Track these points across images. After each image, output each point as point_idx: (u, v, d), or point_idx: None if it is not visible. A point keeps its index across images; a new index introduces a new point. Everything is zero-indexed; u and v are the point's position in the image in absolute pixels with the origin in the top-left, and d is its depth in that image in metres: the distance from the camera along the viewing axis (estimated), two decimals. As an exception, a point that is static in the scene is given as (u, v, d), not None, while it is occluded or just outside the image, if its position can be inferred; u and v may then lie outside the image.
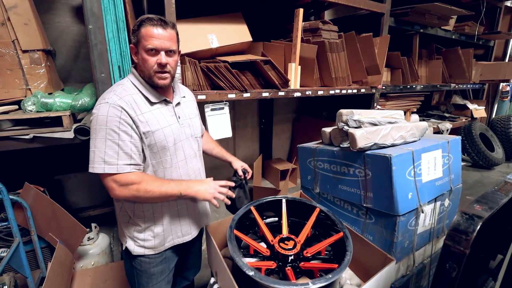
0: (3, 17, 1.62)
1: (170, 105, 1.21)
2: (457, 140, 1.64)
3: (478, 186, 3.88)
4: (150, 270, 1.27)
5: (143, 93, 1.13)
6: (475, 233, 0.77)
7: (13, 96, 1.73)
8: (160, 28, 1.06)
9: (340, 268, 1.07)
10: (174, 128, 1.19)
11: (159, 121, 1.14)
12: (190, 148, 1.28)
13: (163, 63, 1.09)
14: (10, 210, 1.62)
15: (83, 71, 2.54)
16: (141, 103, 1.11)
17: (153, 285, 1.29)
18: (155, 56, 1.08)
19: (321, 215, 1.42)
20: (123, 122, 1.04)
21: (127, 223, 1.23)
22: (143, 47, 1.07)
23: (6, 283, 1.33)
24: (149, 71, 1.10)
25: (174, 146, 1.19)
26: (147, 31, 1.05)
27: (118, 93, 1.08)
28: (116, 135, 1.04)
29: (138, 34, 1.08)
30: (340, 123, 1.52)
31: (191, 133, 1.28)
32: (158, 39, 1.06)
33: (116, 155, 1.04)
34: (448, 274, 0.81)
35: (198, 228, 1.39)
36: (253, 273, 1.01)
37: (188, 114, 1.29)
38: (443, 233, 1.69)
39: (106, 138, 1.03)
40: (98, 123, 1.03)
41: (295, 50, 2.40)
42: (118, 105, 1.04)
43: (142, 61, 1.10)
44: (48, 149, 1.85)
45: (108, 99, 1.05)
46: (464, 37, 4.14)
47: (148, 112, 1.12)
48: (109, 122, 1.03)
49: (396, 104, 3.71)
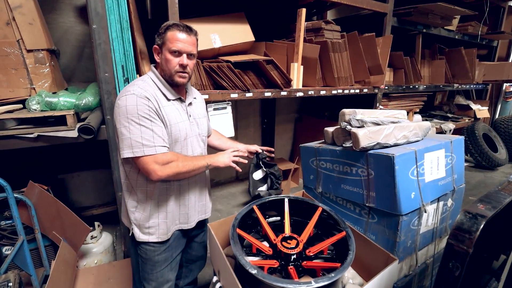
0: (8, 17, 1.63)
1: (183, 104, 1.32)
2: (460, 140, 1.64)
3: (481, 186, 3.86)
4: (155, 258, 1.33)
5: (161, 90, 1.24)
6: (478, 232, 0.77)
7: (18, 95, 1.74)
8: (185, 33, 1.19)
9: (343, 267, 1.07)
10: (186, 125, 1.30)
11: (175, 116, 1.25)
12: (197, 145, 1.38)
13: (184, 64, 1.21)
14: (15, 208, 1.63)
15: (86, 71, 2.55)
16: (161, 98, 1.22)
17: (157, 272, 1.35)
18: (178, 57, 1.20)
19: (324, 214, 1.42)
20: (152, 110, 1.15)
21: (134, 211, 1.30)
22: (167, 49, 1.19)
23: (11, 280, 1.34)
24: (170, 70, 1.21)
25: (185, 141, 1.30)
26: (174, 35, 1.18)
27: (142, 86, 1.18)
28: (149, 121, 1.14)
29: (164, 37, 1.19)
30: (342, 123, 1.52)
31: (199, 132, 1.38)
32: (182, 43, 1.18)
33: (152, 138, 1.14)
34: (451, 273, 0.81)
35: (201, 213, 1.48)
36: (256, 272, 1.02)
37: (197, 114, 1.40)
38: (445, 233, 1.68)
39: (140, 124, 1.12)
40: (128, 112, 1.12)
41: (297, 50, 2.40)
42: (144, 96, 1.14)
43: (165, 61, 1.21)
44: (52, 148, 1.86)
45: (134, 91, 1.15)
46: (468, 37, 4.12)
47: (167, 106, 1.23)
48: (140, 111, 1.12)
49: (399, 104, 3.70)
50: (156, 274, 1.35)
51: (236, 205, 3.27)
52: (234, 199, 3.36)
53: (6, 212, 1.80)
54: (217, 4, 2.51)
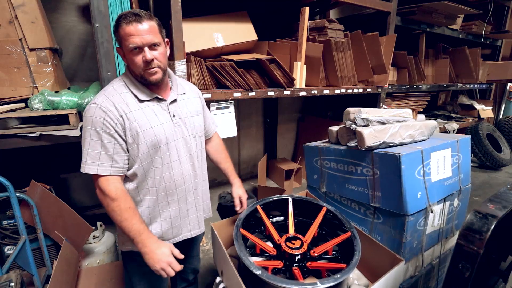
0: (10, 15, 1.63)
1: (163, 103, 1.16)
2: (466, 140, 1.61)
3: (485, 187, 3.83)
4: (142, 269, 1.21)
5: (132, 92, 1.11)
6: (489, 232, 0.75)
7: (20, 94, 1.74)
8: (135, 23, 1.00)
9: (349, 268, 1.05)
10: (167, 127, 1.14)
11: (149, 119, 1.10)
12: (185, 148, 1.22)
13: (148, 60, 1.04)
14: (17, 208, 1.63)
15: (89, 70, 2.55)
16: (131, 102, 1.09)
17: (145, 283, 1.28)
18: (140, 54, 1.04)
19: (328, 214, 1.40)
20: (106, 124, 1.03)
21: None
22: (126, 48, 1.04)
23: (13, 280, 1.33)
24: (138, 70, 1.07)
25: (167, 145, 1.14)
26: (124, 30, 1.01)
27: (107, 93, 1.08)
28: (99, 136, 1.03)
29: (119, 36, 1.04)
30: (347, 122, 1.51)
31: (188, 132, 1.22)
32: (137, 36, 1.01)
33: (98, 156, 1.04)
34: (461, 274, 0.79)
35: (195, 229, 1.33)
36: (261, 272, 1.00)
37: (186, 112, 1.22)
38: (452, 234, 1.66)
39: (90, 138, 1.03)
40: (85, 123, 1.05)
41: (300, 49, 2.39)
42: (104, 106, 1.03)
43: (130, 62, 1.07)
44: (54, 147, 1.85)
45: (97, 100, 1.06)
46: (472, 36, 4.09)
47: (137, 110, 1.09)
48: (94, 123, 1.03)
49: (402, 104, 3.68)
50: (144, 286, 1.28)
51: (239, 205, 3.25)
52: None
53: (8, 211, 1.79)
54: (220, 3, 2.50)
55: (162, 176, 1.16)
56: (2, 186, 1.58)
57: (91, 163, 1.03)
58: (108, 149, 1.04)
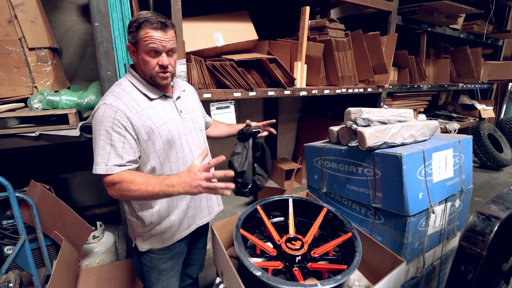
0: (10, 15, 1.62)
1: (170, 100, 1.21)
2: (468, 140, 1.60)
3: (486, 187, 3.82)
4: (160, 266, 1.27)
5: (141, 91, 1.13)
6: (492, 234, 0.75)
7: (20, 94, 1.73)
8: (161, 31, 1.04)
9: (350, 269, 1.05)
10: (177, 122, 1.18)
11: (161, 116, 1.14)
12: (196, 141, 1.28)
13: (165, 65, 1.08)
14: (16, 208, 1.62)
15: (89, 70, 2.54)
16: (141, 100, 1.11)
17: (163, 281, 1.29)
18: (156, 57, 1.07)
19: (329, 215, 1.39)
20: (116, 123, 1.03)
21: (135, 220, 1.22)
22: (143, 49, 1.06)
23: (12, 280, 1.33)
24: (150, 72, 1.10)
25: (180, 140, 1.19)
26: (148, 33, 1.03)
27: (116, 93, 1.08)
28: (109, 136, 1.03)
29: (137, 36, 1.05)
30: (348, 122, 1.50)
31: (194, 126, 1.28)
32: (159, 41, 1.04)
33: (107, 155, 1.03)
34: (463, 276, 0.78)
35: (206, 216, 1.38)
36: (261, 273, 0.99)
37: (189, 107, 1.29)
38: (453, 235, 1.65)
39: (100, 139, 1.04)
40: (95, 124, 1.05)
41: (301, 48, 2.38)
42: (114, 106, 1.04)
43: (142, 62, 1.09)
44: (54, 147, 1.85)
45: (106, 100, 1.06)
46: (473, 36, 4.07)
47: (149, 108, 1.12)
48: (103, 123, 1.03)
49: (403, 104, 3.66)
50: (162, 284, 1.29)
51: (239, 205, 3.25)
52: (237, 199, 3.34)
53: (7, 211, 1.79)
54: (220, 2, 2.49)
55: (178, 170, 1.19)
56: (2, 186, 1.57)
57: (101, 163, 1.04)
58: (117, 148, 1.04)
